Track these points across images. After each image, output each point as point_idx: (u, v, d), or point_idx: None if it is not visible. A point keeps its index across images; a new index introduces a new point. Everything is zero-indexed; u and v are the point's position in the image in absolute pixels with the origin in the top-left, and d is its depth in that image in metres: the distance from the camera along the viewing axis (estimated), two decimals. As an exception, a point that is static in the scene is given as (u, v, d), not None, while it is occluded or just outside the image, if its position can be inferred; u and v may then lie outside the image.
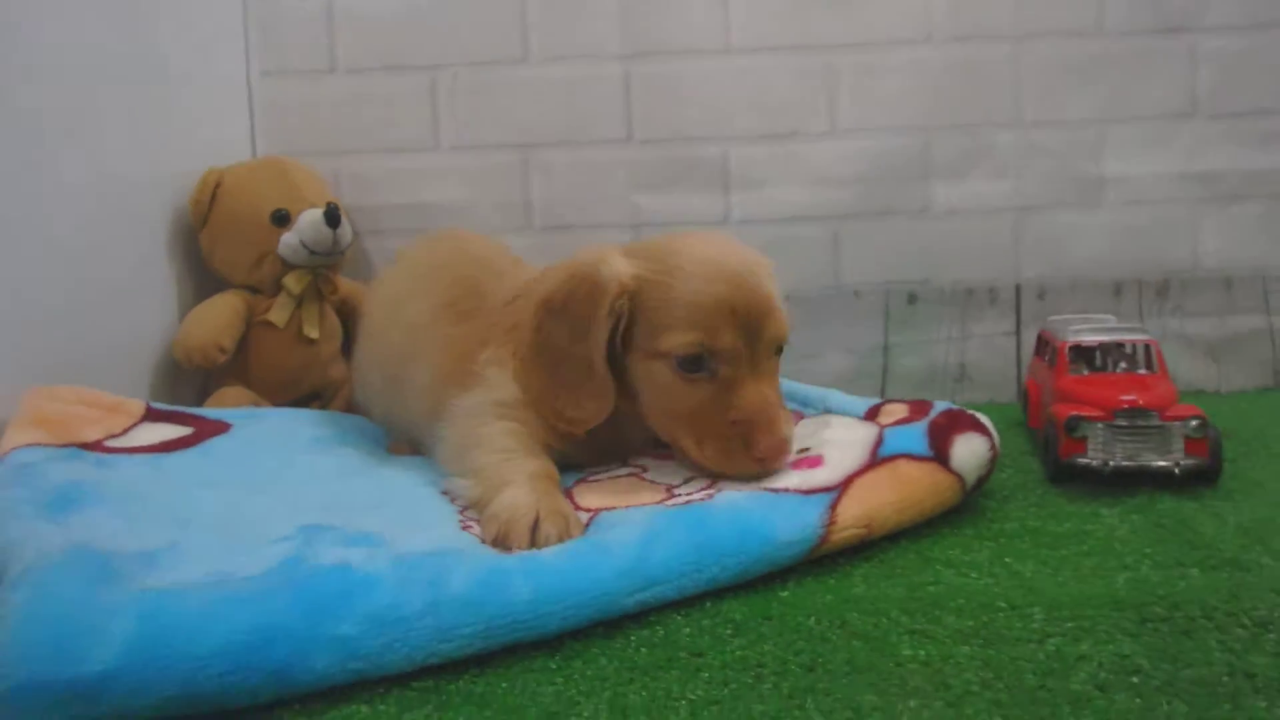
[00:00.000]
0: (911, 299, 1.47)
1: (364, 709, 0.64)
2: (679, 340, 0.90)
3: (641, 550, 0.76)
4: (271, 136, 1.52)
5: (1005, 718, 0.60)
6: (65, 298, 1.12)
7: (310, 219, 1.33)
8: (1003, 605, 0.74)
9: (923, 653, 0.68)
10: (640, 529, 0.78)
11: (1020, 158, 1.45)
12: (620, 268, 0.93)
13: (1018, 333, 1.46)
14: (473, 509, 0.88)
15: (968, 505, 0.96)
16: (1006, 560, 0.84)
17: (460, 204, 1.50)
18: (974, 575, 0.81)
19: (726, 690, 0.64)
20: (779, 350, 0.96)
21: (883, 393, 1.47)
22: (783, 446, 0.90)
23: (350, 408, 1.44)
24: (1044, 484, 1.05)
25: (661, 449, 1.02)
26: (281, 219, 1.34)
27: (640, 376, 0.94)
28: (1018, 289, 1.46)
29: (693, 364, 0.91)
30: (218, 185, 1.35)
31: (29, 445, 0.93)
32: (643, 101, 1.49)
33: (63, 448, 0.95)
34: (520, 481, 0.86)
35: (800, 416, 1.14)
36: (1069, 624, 0.71)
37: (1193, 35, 1.44)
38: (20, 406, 1.01)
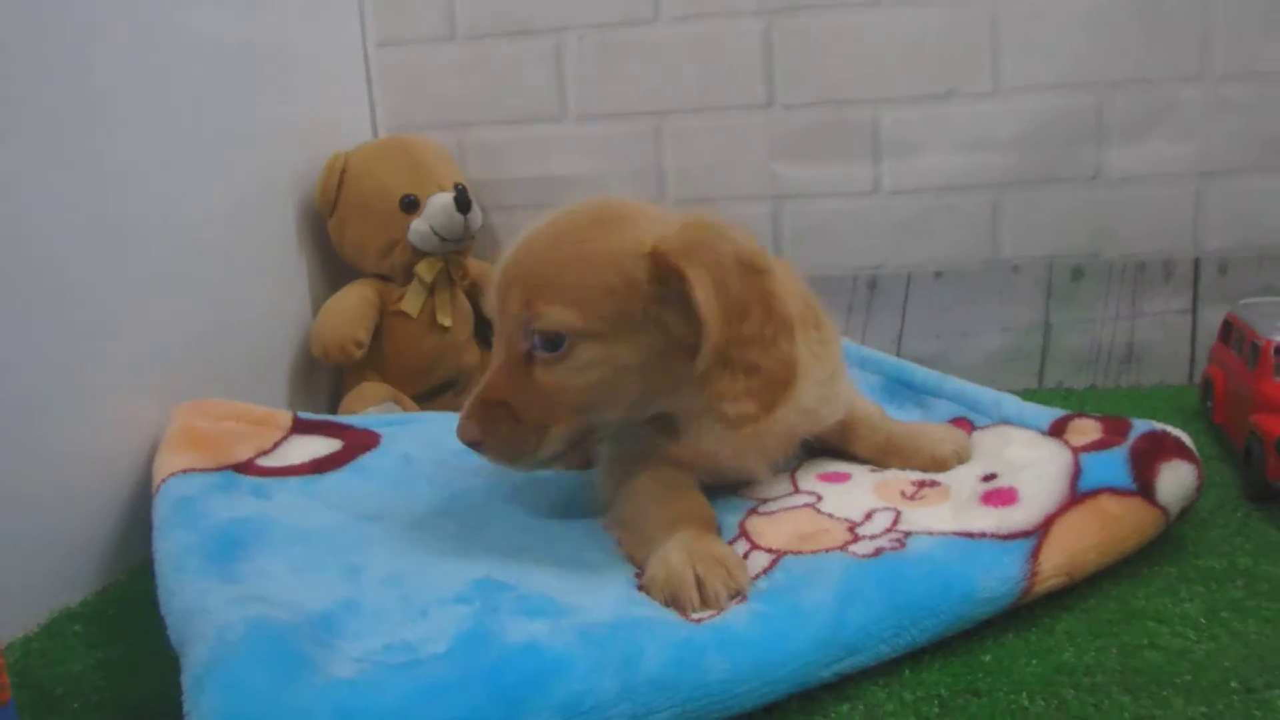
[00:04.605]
0: (1076, 274, 1.40)
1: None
2: None
3: (837, 614, 0.74)
4: (391, 110, 1.50)
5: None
6: (200, 300, 1.14)
7: (440, 204, 1.31)
8: (1235, 685, 0.71)
9: (1157, 748, 0.65)
10: (834, 589, 0.76)
11: (1207, 116, 1.35)
12: None
13: (1194, 310, 1.38)
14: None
15: (1164, 532, 0.91)
16: (1223, 615, 0.80)
17: (590, 175, 1.47)
18: (1191, 635, 0.77)
19: (949, 792, 0.62)
20: (541, 337, 0.84)
21: (1041, 375, 1.41)
22: (462, 428, 0.87)
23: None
24: (1243, 504, 1.00)
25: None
26: (410, 205, 1.32)
27: None
28: (1196, 263, 1.38)
29: None
30: (344, 170, 1.33)
31: (184, 472, 0.96)
32: (784, 61, 1.42)
33: (218, 471, 0.98)
34: (665, 537, 0.83)
35: (970, 426, 1.10)
36: (1318, 716, 0.67)
37: None
38: (172, 422, 1.04)
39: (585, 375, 0.85)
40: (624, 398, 0.88)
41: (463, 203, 1.31)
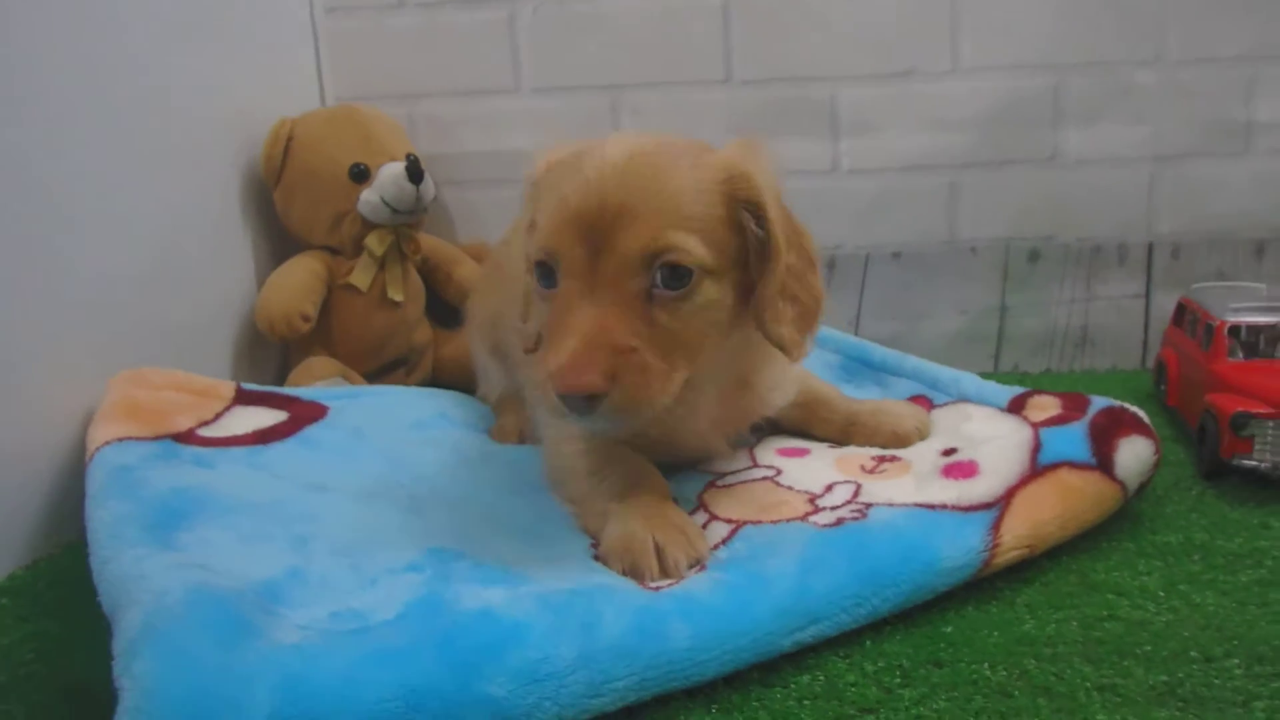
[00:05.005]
0: (1033, 256, 1.42)
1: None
2: (532, 245, 0.81)
3: (800, 583, 0.74)
4: (340, 80, 1.47)
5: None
6: (139, 269, 1.11)
7: (391, 174, 1.29)
8: (1194, 655, 0.72)
9: (1118, 718, 0.65)
10: (797, 558, 0.76)
11: (1161, 100, 1.37)
12: (545, 157, 0.85)
13: (1147, 295, 1.41)
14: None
15: (1122, 509, 0.93)
16: (1181, 588, 0.81)
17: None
18: (1150, 608, 0.78)
19: (912, 760, 0.62)
20: (663, 271, 0.77)
21: (997, 358, 1.43)
22: (564, 372, 0.72)
23: (437, 372, 1.42)
24: (1198, 481, 1.02)
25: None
26: (360, 174, 1.29)
27: None
28: (1150, 247, 1.40)
29: (544, 275, 0.80)
30: (290, 138, 1.30)
31: (120, 440, 0.92)
32: (743, 37, 1.41)
33: (156, 440, 0.95)
34: (620, 508, 0.82)
35: (930, 404, 1.10)
36: (1275, 682, 0.68)
37: (1363, -39, 1.34)
38: (108, 393, 1.00)
39: (703, 317, 0.79)
40: (716, 344, 0.83)
41: (414, 173, 1.29)
